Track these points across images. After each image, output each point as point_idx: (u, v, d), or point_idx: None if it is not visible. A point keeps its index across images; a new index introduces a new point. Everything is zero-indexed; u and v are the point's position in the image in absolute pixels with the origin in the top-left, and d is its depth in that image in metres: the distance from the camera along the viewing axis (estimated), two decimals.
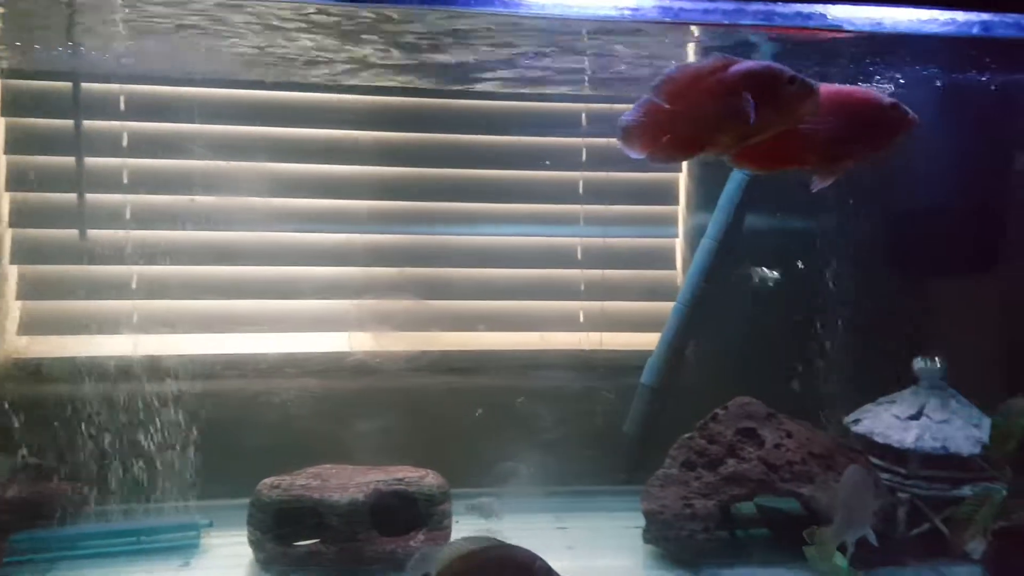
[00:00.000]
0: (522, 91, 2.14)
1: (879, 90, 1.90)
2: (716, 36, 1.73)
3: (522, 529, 1.97)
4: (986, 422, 1.81)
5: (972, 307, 2.10)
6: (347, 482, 1.75)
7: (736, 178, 2.08)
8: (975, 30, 1.33)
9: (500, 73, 1.96)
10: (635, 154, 1.31)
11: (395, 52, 1.76)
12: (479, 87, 2.08)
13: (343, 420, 1.98)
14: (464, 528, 1.84)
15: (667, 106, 1.27)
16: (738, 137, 1.27)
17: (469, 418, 2.10)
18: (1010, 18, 1.28)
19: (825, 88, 1.29)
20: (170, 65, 1.95)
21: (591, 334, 2.25)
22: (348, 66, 1.89)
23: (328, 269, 2.15)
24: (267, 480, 1.77)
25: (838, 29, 1.46)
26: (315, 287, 2.11)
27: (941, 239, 1.90)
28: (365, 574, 1.71)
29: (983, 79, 1.90)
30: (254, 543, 1.74)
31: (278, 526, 1.72)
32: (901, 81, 1.86)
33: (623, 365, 2.21)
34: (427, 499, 1.77)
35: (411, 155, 2.16)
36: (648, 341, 2.22)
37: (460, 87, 2.11)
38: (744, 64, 1.25)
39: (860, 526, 1.54)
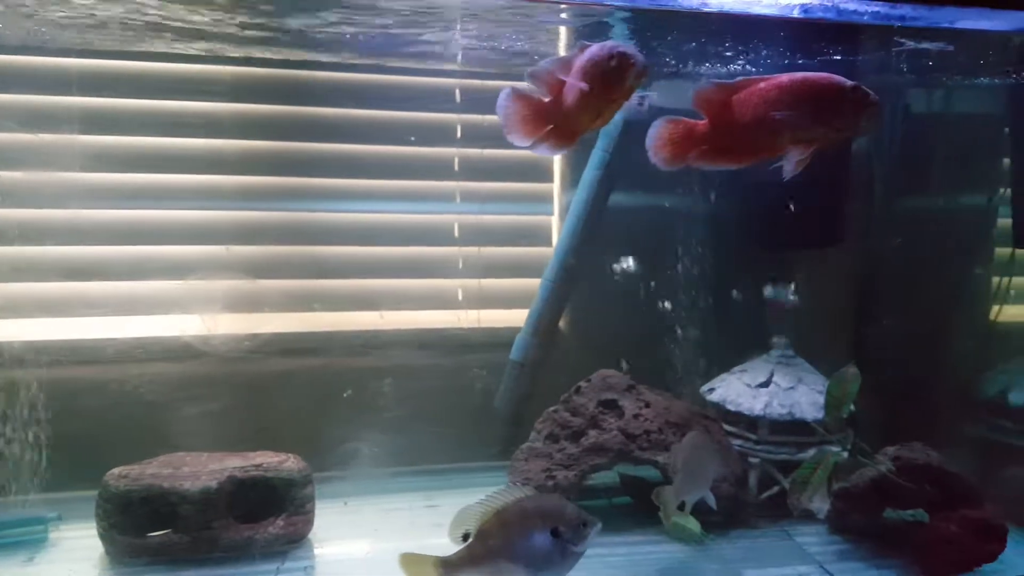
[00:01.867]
0: (393, 64, 2.10)
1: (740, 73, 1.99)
2: (575, 14, 1.75)
3: (391, 509, 1.98)
4: None
5: (820, 279, 2.21)
6: (200, 469, 1.69)
7: (596, 157, 2.11)
8: (795, 12, 1.39)
9: (366, 45, 1.92)
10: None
11: (252, 19, 1.70)
12: (330, 58, 2.04)
13: (201, 406, 1.91)
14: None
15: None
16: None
17: (337, 399, 2.06)
18: (829, 2, 1.34)
19: (789, 77, 1.38)
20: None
21: (469, 312, 2.25)
22: (198, 36, 1.81)
23: (187, 248, 2.05)
24: (115, 470, 1.69)
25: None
26: (169, 267, 2.02)
27: (792, 214, 1.99)
28: (222, 562, 1.67)
29: (836, 60, 1.99)
30: (103, 536, 1.67)
31: (127, 517, 1.65)
32: (749, 63, 1.93)
33: (499, 342, 2.22)
34: (287, 484, 1.73)
35: (270, 129, 2.08)
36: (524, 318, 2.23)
37: (317, 58, 2.05)
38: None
39: (699, 488, 1.60)
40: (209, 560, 1.67)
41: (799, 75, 1.38)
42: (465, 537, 1.38)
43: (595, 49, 1.34)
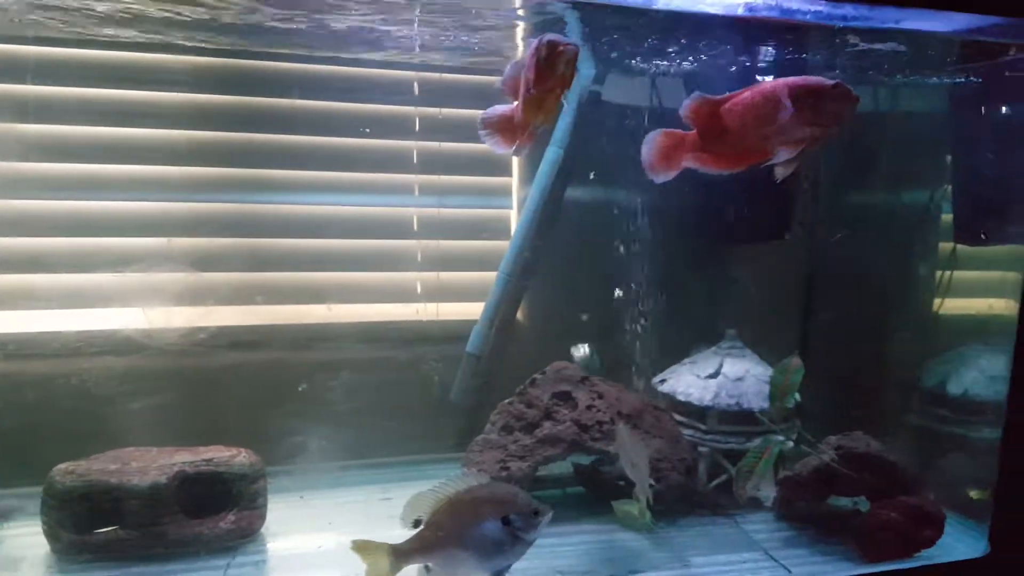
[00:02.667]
0: (346, 56, 2.09)
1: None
2: (530, 11, 1.76)
3: (346, 502, 1.98)
4: None
5: (768, 273, 2.26)
6: (149, 465, 1.67)
7: (551, 153, 2.13)
8: (740, 10, 1.42)
9: (321, 36, 1.91)
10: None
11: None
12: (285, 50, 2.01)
13: (150, 401, 1.88)
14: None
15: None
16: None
17: (294, 393, 2.05)
18: (772, 0, 1.37)
19: (772, 84, 1.44)
20: None
21: (428, 305, 2.26)
22: (144, 23, 1.77)
23: (140, 240, 2.01)
24: (61, 466, 1.66)
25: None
26: (115, 260, 1.96)
27: (741, 210, 2.03)
28: (171, 558, 1.66)
29: (787, 59, 2.03)
30: (48, 533, 1.64)
31: (73, 514, 1.62)
32: (701, 61, 1.96)
33: (457, 334, 2.22)
34: (239, 478, 1.72)
35: (218, 119, 2.04)
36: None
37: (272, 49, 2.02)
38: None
39: (644, 475, 1.64)
40: (158, 556, 1.66)
41: (780, 81, 1.44)
42: (417, 524, 1.40)
43: (532, 42, 1.38)
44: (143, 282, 1.97)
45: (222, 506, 1.72)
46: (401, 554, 1.39)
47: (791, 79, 1.43)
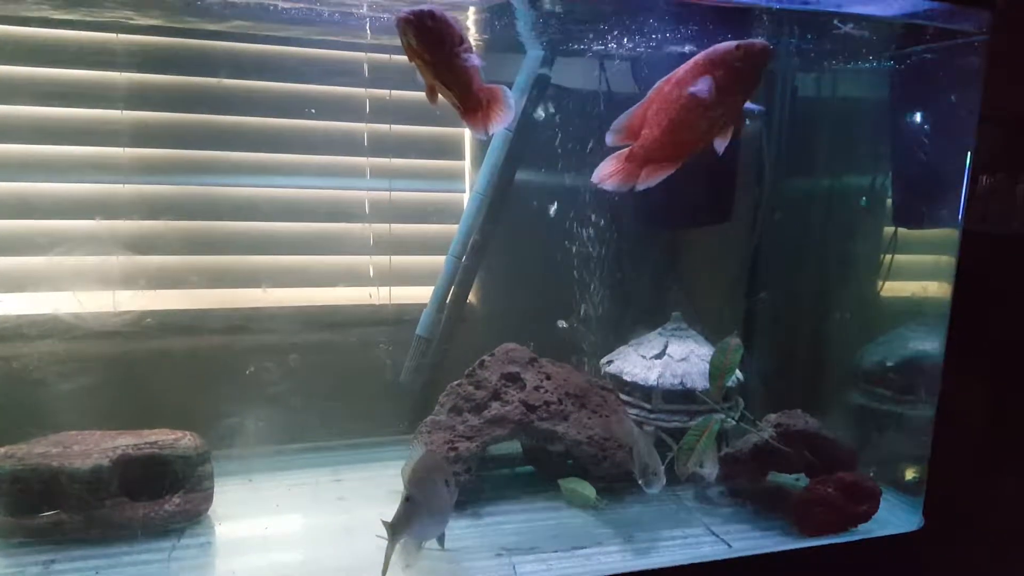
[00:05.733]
0: (297, 36, 2.07)
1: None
2: None
3: (296, 484, 1.98)
4: None
5: (712, 256, 2.30)
6: (92, 448, 1.66)
7: (499, 136, 2.14)
8: None
9: (268, 14, 1.88)
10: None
11: None
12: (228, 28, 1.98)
13: (91, 384, 1.85)
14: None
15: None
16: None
17: (241, 376, 2.04)
18: None
19: (677, 73, 1.47)
20: None
21: (380, 288, 2.26)
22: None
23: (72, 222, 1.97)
24: (0, 449, 1.65)
25: None
26: (51, 241, 1.93)
27: (690, 195, 2.06)
28: (115, 541, 1.65)
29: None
30: None
31: (15, 497, 1.61)
32: (646, 44, 1.98)
33: (409, 318, 2.22)
34: (183, 461, 1.72)
35: (160, 100, 2.00)
36: None
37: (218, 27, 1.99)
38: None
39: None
40: (101, 540, 1.65)
41: (684, 67, 1.45)
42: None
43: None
44: (75, 265, 1.94)
45: (167, 489, 1.71)
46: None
47: (693, 61, 1.45)
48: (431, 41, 1.35)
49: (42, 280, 1.93)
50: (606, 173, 1.57)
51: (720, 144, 1.48)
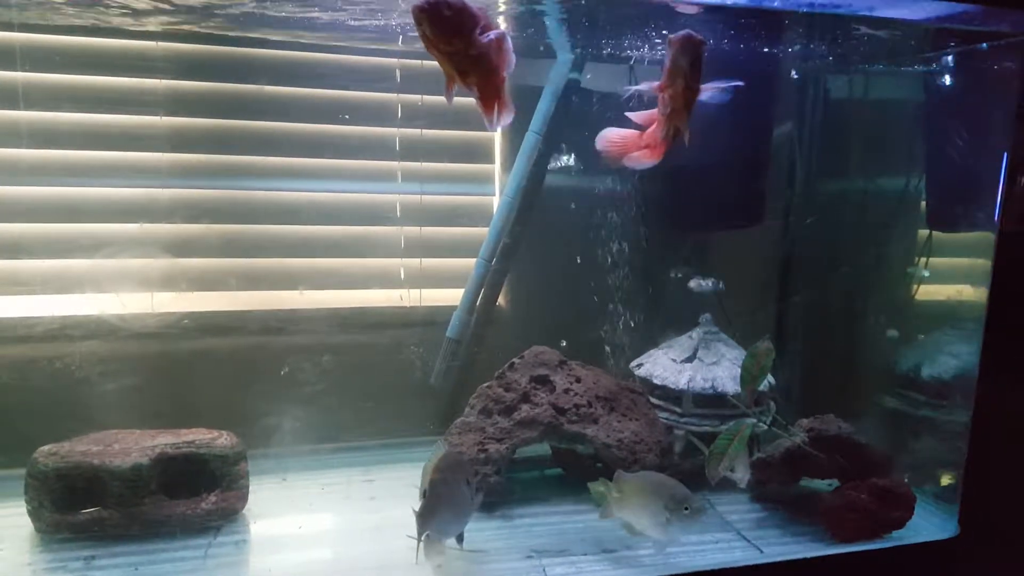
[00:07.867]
0: (332, 44, 2.10)
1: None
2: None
3: (329, 484, 2.02)
4: None
5: (744, 259, 2.29)
6: (131, 446, 1.70)
7: (529, 139, 2.15)
8: None
9: (307, 23, 1.91)
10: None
11: None
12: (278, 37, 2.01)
13: (132, 384, 1.90)
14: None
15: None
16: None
17: (276, 376, 2.08)
18: None
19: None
20: None
21: (411, 291, 2.28)
22: (128, 9, 1.77)
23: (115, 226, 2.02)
24: (44, 447, 1.69)
25: None
26: (95, 244, 1.98)
27: (716, 197, 2.06)
28: (153, 538, 1.69)
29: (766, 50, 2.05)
30: (32, 513, 1.67)
31: (57, 494, 1.66)
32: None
33: (439, 320, 2.24)
34: (220, 460, 1.75)
35: (203, 106, 2.04)
36: None
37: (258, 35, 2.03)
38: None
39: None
40: (140, 536, 1.69)
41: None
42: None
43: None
44: (118, 268, 1.99)
45: (204, 487, 1.75)
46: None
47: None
48: (448, 31, 1.31)
49: (87, 282, 1.98)
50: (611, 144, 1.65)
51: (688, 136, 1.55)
